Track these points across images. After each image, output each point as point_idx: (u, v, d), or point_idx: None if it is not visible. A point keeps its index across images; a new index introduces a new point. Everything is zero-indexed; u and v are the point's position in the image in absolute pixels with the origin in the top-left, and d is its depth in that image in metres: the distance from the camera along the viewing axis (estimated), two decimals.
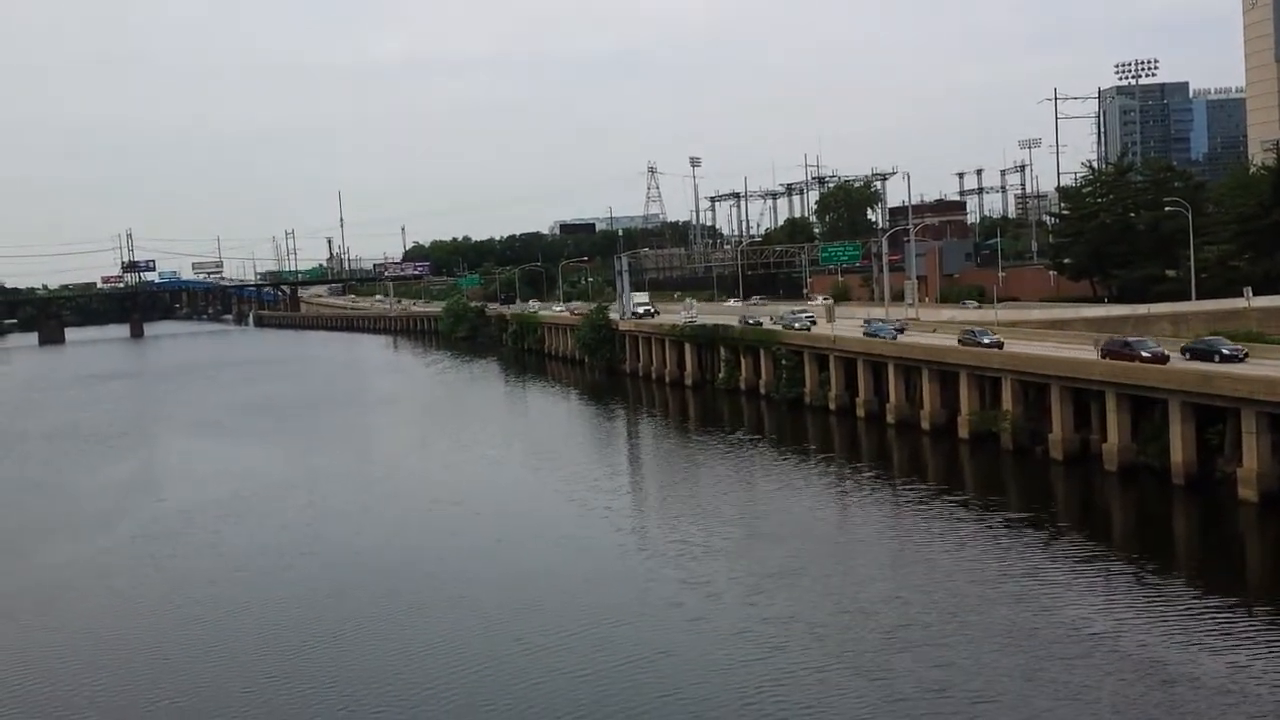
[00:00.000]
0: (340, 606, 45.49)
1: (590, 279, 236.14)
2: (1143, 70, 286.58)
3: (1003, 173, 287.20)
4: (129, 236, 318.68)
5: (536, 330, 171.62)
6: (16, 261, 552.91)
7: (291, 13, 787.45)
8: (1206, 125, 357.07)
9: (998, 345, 76.28)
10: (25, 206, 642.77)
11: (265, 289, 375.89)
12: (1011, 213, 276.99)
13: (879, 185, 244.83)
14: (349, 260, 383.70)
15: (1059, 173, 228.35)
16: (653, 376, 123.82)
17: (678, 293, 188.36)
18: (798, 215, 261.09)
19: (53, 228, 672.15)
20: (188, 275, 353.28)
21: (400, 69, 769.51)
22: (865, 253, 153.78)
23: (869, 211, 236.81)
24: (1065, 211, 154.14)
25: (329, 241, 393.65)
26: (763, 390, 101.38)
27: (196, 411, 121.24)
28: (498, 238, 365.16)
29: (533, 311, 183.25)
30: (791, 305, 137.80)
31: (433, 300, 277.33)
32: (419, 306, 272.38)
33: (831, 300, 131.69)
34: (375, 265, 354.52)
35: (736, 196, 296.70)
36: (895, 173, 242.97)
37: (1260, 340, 72.18)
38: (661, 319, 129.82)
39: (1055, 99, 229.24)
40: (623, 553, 51.94)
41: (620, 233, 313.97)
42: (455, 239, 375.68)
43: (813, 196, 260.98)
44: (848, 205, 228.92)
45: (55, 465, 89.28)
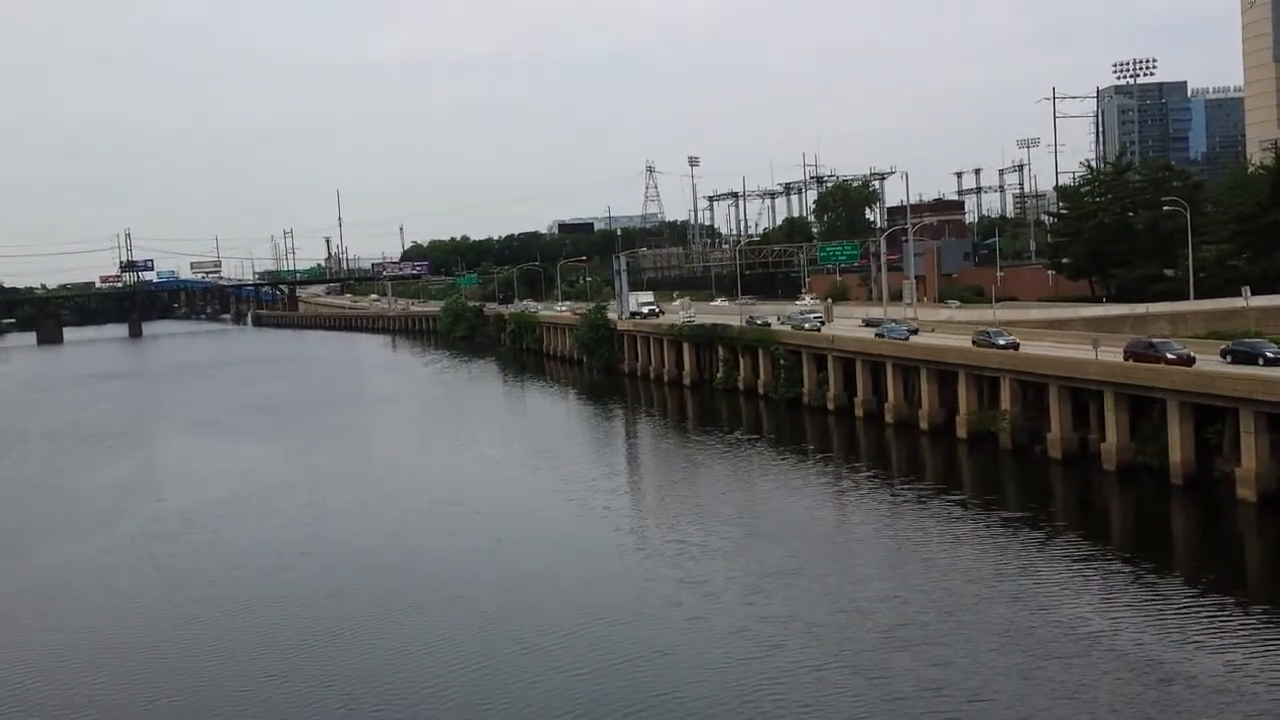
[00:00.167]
0: (340, 606, 45.55)
1: (588, 279, 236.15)
2: (1141, 70, 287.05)
3: (1001, 172, 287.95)
4: (128, 236, 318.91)
5: (535, 330, 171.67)
6: (15, 261, 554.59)
7: (291, 13, 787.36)
8: (1205, 125, 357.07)
9: (1013, 346, 74.06)
10: (25, 206, 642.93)
11: (264, 288, 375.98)
12: (1010, 212, 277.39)
13: (877, 185, 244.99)
14: (347, 260, 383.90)
15: (1057, 172, 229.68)
16: (651, 376, 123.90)
17: (676, 292, 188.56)
18: (796, 215, 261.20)
19: (52, 227, 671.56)
20: (186, 275, 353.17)
21: (400, 69, 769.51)
22: (863, 252, 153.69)
23: (867, 211, 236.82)
24: (1063, 211, 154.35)
25: (327, 241, 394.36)
26: (761, 390, 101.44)
27: (195, 411, 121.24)
28: (496, 237, 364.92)
29: (532, 311, 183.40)
30: (786, 305, 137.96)
31: (431, 300, 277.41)
32: (417, 306, 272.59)
33: (830, 300, 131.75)
34: (374, 265, 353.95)
35: (735, 196, 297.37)
36: (894, 172, 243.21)
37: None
38: (662, 319, 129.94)
39: (1054, 98, 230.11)
40: (621, 552, 52.04)
41: (619, 232, 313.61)
42: (454, 239, 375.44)
43: (811, 196, 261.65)
44: (846, 205, 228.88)
45: (55, 465, 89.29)
